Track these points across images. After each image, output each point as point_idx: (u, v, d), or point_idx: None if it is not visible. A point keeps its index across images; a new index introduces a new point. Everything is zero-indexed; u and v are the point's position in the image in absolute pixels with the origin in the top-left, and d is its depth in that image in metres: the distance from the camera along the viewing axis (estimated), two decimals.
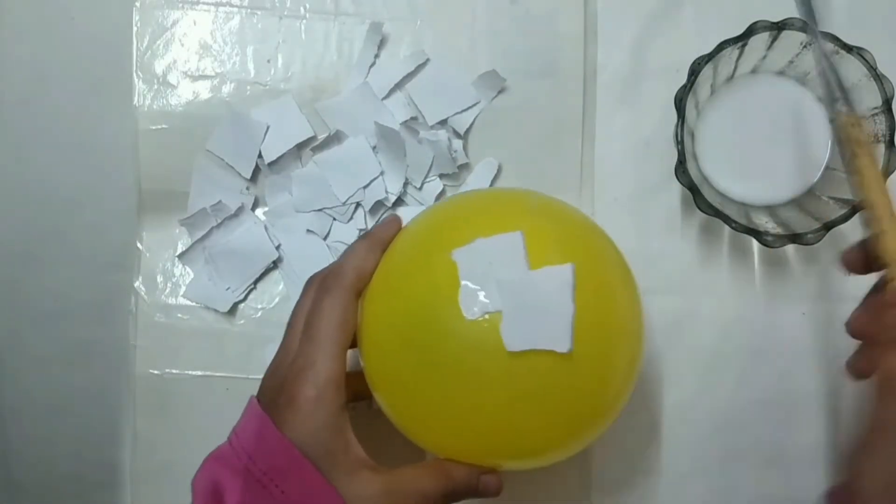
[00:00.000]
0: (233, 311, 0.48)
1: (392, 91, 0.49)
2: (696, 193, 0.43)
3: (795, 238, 0.42)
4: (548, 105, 0.49)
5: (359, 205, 0.48)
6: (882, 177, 0.31)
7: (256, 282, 0.49)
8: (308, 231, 0.48)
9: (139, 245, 0.49)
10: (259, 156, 0.48)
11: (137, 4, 0.49)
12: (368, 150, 0.48)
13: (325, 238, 0.48)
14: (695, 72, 0.43)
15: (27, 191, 0.48)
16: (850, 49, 0.42)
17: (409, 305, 0.36)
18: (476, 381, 0.34)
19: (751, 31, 0.42)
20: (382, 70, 0.49)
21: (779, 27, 0.42)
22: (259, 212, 0.49)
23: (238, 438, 0.36)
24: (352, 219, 0.48)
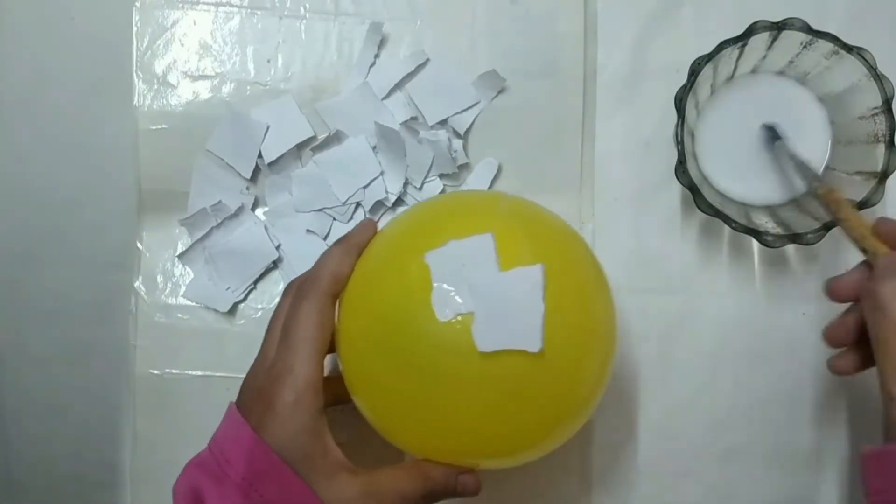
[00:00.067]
0: (233, 311, 0.48)
1: (392, 91, 0.49)
2: (696, 193, 0.43)
3: (795, 238, 0.42)
4: (548, 105, 0.49)
5: (359, 205, 0.48)
6: (861, 216, 0.39)
7: (256, 282, 0.49)
8: (308, 231, 0.48)
9: (139, 245, 0.49)
10: (259, 156, 0.48)
11: (137, 4, 0.49)
12: (368, 150, 0.48)
13: (325, 238, 0.48)
14: (695, 72, 0.43)
15: (27, 191, 0.48)
16: (850, 49, 0.42)
17: (384, 308, 0.36)
18: (450, 383, 0.34)
19: (751, 31, 0.42)
20: (382, 70, 0.49)
21: (779, 27, 0.42)
22: (259, 212, 0.49)
23: (217, 445, 0.36)
24: (352, 219, 0.48)
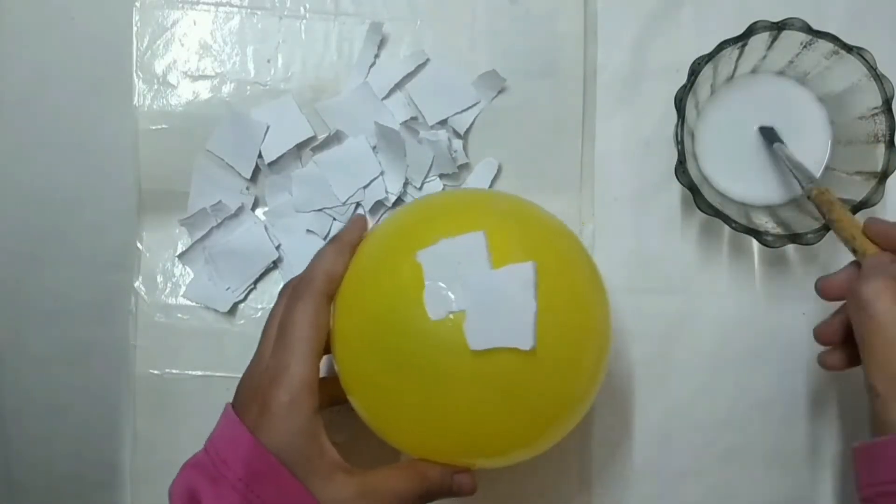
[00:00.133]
0: (233, 311, 0.48)
1: (392, 91, 0.49)
2: (696, 193, 0.43)
3: (795, 238, 0.42)
4: (548, 105, 0.49)
5: (359, 205, 0.48)
6: (852, 216, 0.40)
7: (256, 282, 0.49)
8: (308, 231, 0.48)
9: (139, 245, 0.48)
10: (259, 156, 0.48)
11: (137, 4, 0.49)
12: (368, 150, 0.48)
13: (325, 238, 0.48)
14: (695, 72, 0.43)
15: (27, 191, 0.48)
16: (850, 49, 0.42)
17: (377, 308, 0.36)
18: (443, 381, 0.34)
19: (751, 31, 0.42)
20: (382, 70, 0.49)
21: (779, 27, 0.42)
22: (259, 212, 0.49)
23: (214, 445, 0.36)
24: None
